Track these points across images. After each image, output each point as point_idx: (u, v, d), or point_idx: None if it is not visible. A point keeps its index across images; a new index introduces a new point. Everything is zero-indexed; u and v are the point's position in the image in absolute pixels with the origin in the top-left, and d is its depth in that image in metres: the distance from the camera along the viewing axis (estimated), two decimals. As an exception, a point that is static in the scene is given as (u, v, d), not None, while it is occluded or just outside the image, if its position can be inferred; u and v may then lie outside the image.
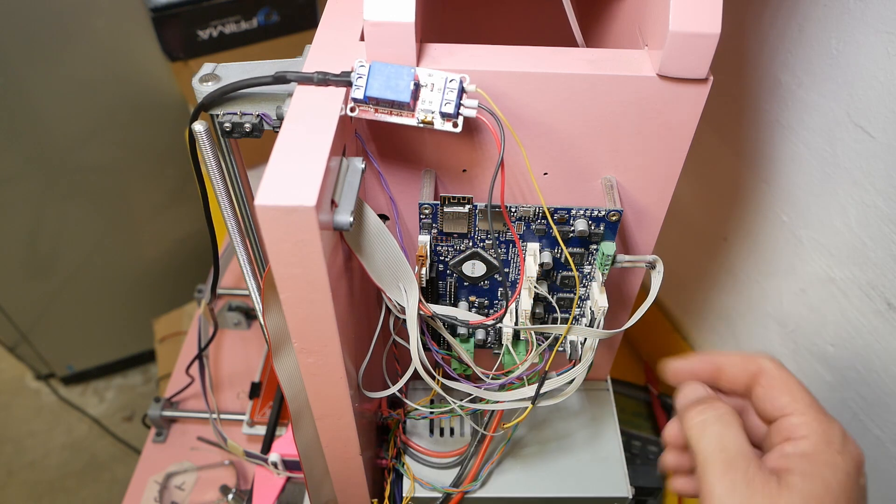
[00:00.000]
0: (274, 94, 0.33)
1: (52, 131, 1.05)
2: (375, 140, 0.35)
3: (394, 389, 0.38)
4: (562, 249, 0.38)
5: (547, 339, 0.41)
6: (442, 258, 0.39)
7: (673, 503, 0.65)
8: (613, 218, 0.35)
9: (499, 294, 0.41)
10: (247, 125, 0.33)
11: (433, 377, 0.37)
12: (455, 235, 0.37)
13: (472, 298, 0.41)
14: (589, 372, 0.38)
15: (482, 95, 0.31)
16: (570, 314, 0.42)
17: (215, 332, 0.70)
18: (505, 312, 0.38)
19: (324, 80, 0.30)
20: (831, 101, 0.48)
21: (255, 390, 0.69)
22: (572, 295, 0.41)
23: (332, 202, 0.29)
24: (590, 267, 0.39)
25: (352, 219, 0.29)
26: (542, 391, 0.37)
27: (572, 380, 0.38)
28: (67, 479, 1.35)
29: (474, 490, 0.45)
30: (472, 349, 0.41)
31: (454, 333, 0.41)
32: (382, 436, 0.48)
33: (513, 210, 0.36)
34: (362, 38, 0.33)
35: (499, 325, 0.39)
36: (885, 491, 0.53)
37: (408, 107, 0.30)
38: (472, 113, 0.31)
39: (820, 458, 0.28)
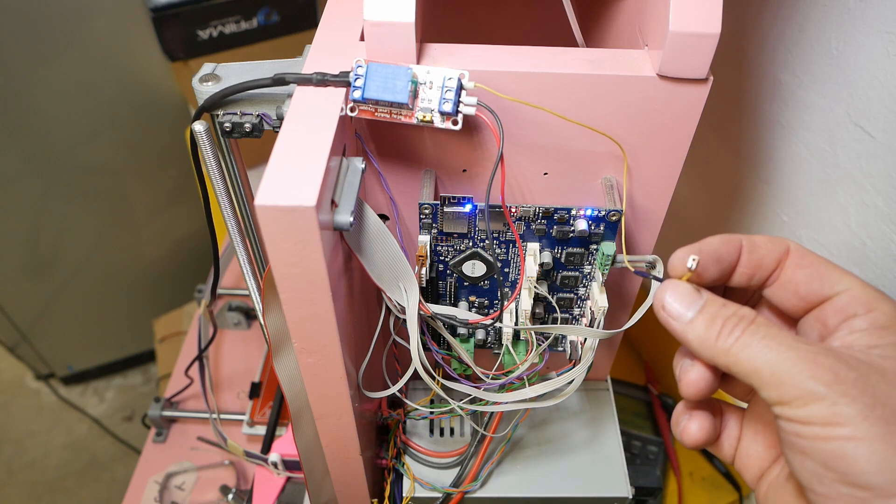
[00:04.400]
0: (274, 94, 0.33)
1: (52, 131, 1.05)
2: (375, 140, 0.35)
3: (394, 389, 0.38)
4: (562, 249, 0.38)
5: (547, 339, 0.41)
6: (442, 258, 0.39)
7: (673, 503, 0.65)
8: (613, 218, 0.35)
9: (499, 294, 0.41)
10: (247, 125, 0.33)
11: (433, 377, 0.37)
12: (455, 235, 0.37)
13: (472, 298, 0.41)
14: (589, 372, 0.38)
15: (482, 90, 0.31)
16: (569, 314, 0.42)
17: (214, 334, 0.70)
18: (502, 312, 0.38)
19: (322, 80, 0.30)
20: (831, 101, 0.48)
21: (255, 390, 0.69)
22: (572, 295, 0.41)
23: (332, 202, 0.29)
24: (590, 267, 0.39)
25: (352, 219, 0.29)
26: (542, 392, 0.37)
27: (572, 380, 0.38)
28: (67, 479, 1.35)
29: (474, 490, 0.45)
30: (472, 349, 0.41)
31: (454, 333, 0.41)
32: (382, 436, 0.48)
33: (513, 210, 0.36)
34: (362, 38, 0.33)
35: (498, 325, 0.39)
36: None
37: (407, 107, 0.30)
38: (471, 111, 0.31)
39: None
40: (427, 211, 0.36)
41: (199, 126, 0.34)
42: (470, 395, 0.38)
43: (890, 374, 0.22)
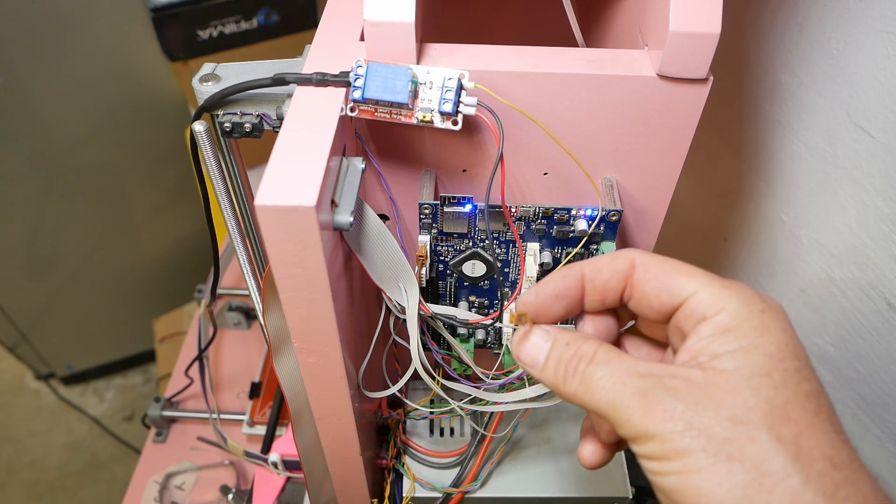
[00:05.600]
0: (274, 94, 0.33)
1: (52, 131, 1.05)
2: (375, 140, 0.35)
3: (394, 389, 0.38)
4: (562, 249, 0.38)
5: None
6: (442, 258, 0.39)
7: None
8: (613, 218, 0.35)
9: (499, 294, 0.41)
10: (247, 125, 0.33)
11: (433, 377, 0.37)
12: (455, 235, 0.37)
13: (472, 298, 0.41)
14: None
15: (482, 90, 0.31)
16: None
17: (214, 334, 0.70)
18: (502, 312, 0.38)
19: (322, 80, 0.30)
20: (831, 101, 0.48)
21: (255, 390, 0.69)
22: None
23: (332, 202, 0.29)
24: (590, 267, 0.39)
25: (352, 219, 0.29)
26: (542, 392, 0.37)
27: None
28: (67, 479, 1.35)
29: (474, 490, 0.45)
30: (472, 349, 0.41)
31: (454, 333, 0.41)
32: (382, 436, 0.48)
33: (513, 210, 0.36)
34: (362, 38, 0.33)
35: (498, 325, 0.39)
36: (886, 490, 0.53)
37: (407, 107, 0.30)
38: (471, 111, 0.30)
39: (745, 325, 0.23)
40: (427, 211, 0.36)
41: (199, 126, 0.34)
42: (470, 395, 0.38)
43: (719, 393, 0.22)
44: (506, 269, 0.39)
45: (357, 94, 0.30)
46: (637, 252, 0.26)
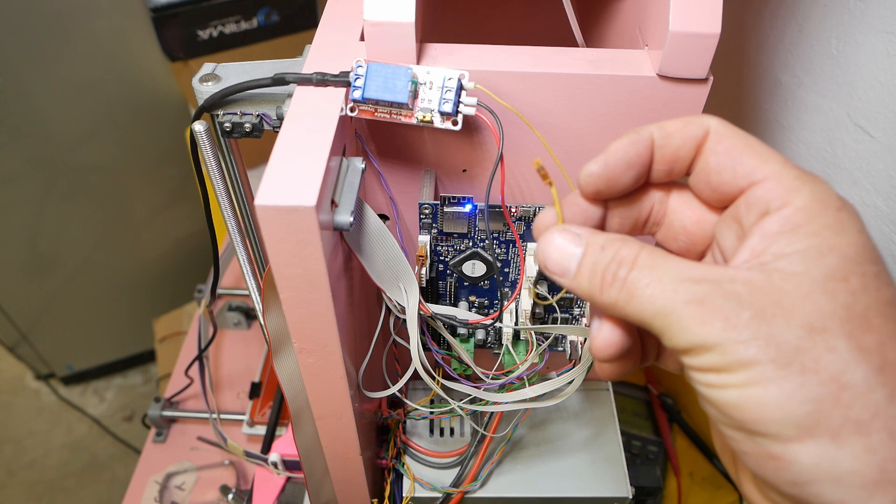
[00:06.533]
0: (274, 94, 0.33)
1: (52, 131, 1.05)
2: (375, 140, 0.35)
3: (394, 389, 0.38)
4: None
5: (547, 339, 0.41)
6: (442, 258, 0.39)
7: (673, 503, 0.65)
8: (613, 218, 0.35)
9: (499, 294, 0.41)
10: (247, 125, 0.33)
11: (433, 377, 0.37)
12: (455, 235, 0.37)
13: (472, 298, 0.41)
14: (589, 372, 0.38)
15: (482, 91, 0.31)
16: (569, 314, 0.42)
17: (214, 334, 0.70)
18: (502, 312, 0.38)
19: (322, 80, 0.30)
20: (831, 101, 0.48)
21: (255, 390, 0.69)
22: (572, 295, 0.41)
23: (332, 202, 0.29)
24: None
25: (352, 219, 0.29)
26: (542, 392, 0.37)
27: (572, 380, 0.38)
28: (67, 479, 1.35)
29: (474, 490, 0.45)
30: (472, 349, 0.41)
31: (454, 333, 0.41)
32: (382, 436, 0.48)
33: (513, 210, 0.36)
34: (362, 38, 0.33)
35: (498, 325, 0.39)
36: None
37: (407, 107, 0.30)
38: (471, 111, 0.31)
39: (817, 223, 0.20)
40: (427, 211, 0.36)
41: (199, 126, 0.34)
42: (470, 395, 0.38)
43: (789, 299, 0.19)
44: (506, 269, 0.39)
45: (357, 94, 0.30)
46: (714, 119, 0.23)
